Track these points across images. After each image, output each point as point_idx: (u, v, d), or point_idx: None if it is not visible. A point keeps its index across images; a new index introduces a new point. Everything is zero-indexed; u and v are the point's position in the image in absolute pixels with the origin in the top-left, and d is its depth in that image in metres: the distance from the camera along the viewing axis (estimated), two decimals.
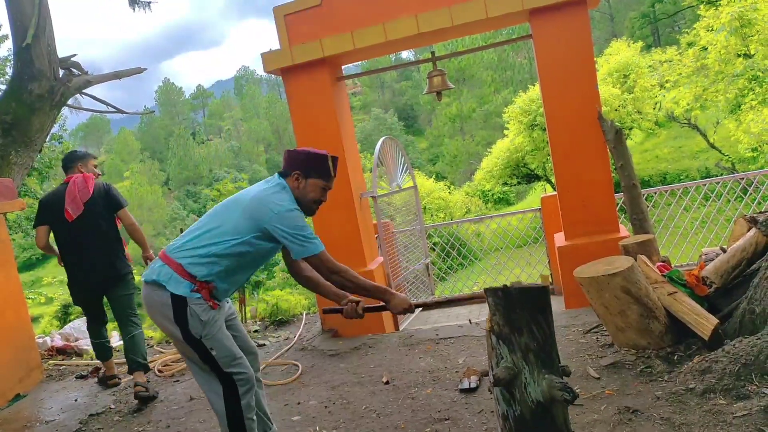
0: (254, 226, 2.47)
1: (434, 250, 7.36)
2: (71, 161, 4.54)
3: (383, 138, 5.66)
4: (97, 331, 4.67)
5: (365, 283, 2.61)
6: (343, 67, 5.53)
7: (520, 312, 2.08)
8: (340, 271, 2.54)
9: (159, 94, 71.19)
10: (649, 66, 18.80)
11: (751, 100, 12.40)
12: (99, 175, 4.59)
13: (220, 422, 2.58)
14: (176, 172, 53.09)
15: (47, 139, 12.66)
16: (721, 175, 13.40)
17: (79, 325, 6.42)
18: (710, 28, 13.68)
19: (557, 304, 5.22)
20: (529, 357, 2.10)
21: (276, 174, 2.69)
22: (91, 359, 5.71)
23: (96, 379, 4.94)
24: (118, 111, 7.70)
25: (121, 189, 45.67)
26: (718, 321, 3.20)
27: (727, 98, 13.25)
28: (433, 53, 5.25)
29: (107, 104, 7.58)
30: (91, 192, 4.37)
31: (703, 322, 3.20)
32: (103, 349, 4.68)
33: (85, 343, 5.99)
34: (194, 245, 2.49)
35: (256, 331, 5.70)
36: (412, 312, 2.77)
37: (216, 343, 2.50)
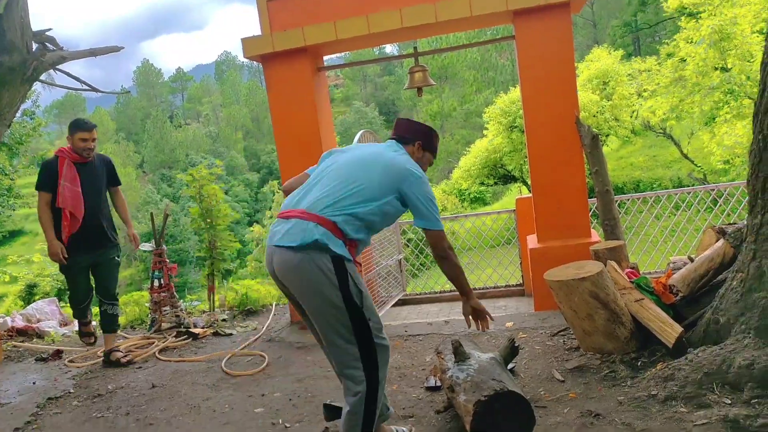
0: (394, 187, 2.43)
1: (408, 246, 7.35)
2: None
3: (362, 131, 5.62)
4: (85, 309, 4.67)
5: (461, 277, 2.61)
6: (324, 57, 5.48)
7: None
8: (451, 254, 2.54)
9: (137, 75, 69.99)
10: (629, 74, 19.02)
11: (726, 113, 12.63)
12: (90, 148, 4.41)
13: (352, 402, 2.38)
14: (152, 155, 52.31)
15: (18, 115, 12.37)
16: (693, 185, 13.65)
17: (42, 306, 6.28)
18: (690, 40, 13.89)
19: (527, 305, 5.28)
20: None
21: (390, 140, 2.68)
22: (53, 341, 5.59)
23: (57, 359, 4.88)
24: (93, 89, 7.51)
25: None
26: (682, 329, 3.24)
27: (702, 110, 13.48)
28: (415, 49, 5.22)
29: (82, 82, 7.37)
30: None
31: (668, 330, 3.24)
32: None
33: (47, 325, 5.86)
34: (347, 203, 2.37)
35: (224, 320, 5.64)
36: (481, 320, 2.73)
37: (372, 313, 2.40)
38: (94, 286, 4.63)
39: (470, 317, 2.71)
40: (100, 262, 4.52)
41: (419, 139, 2.67)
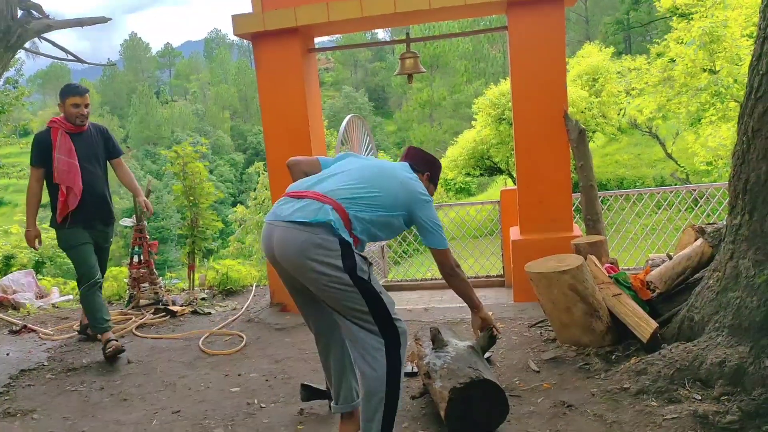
0: (406, 207, 2.51)
1: None
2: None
3: (350, 116, 5.59)
4: (98, 296, 4.17)
5: (470, 292, 2.78)
6: (316, 40, 5.43)
7: None
8: (458, 272, 2.68)
9: (124, 49, 68.90)
10: (618, 72, 19.10)
11: (712, 115, 12.75)
12: (84, 115, 4.13)
13: (372, 384, 2.35)
14: (137, 130, 51.67)
15: (0, 83, 12.13)
16: (676, 185, 13.79)
17: (18, 277, 6.20)
18: (680, 41, 13.97)
19: (506, 296, 5.32)
20: None
21: (404, 163, 2.74)
22: (28, 314, 5.53)
23: (25, 334, 4.80)
24: (78, 60, 7.39)
25: None
26: (657, 325, 3.28)
27: (688, 111, 13.58)
28: (407, 34, 5.19)
29: (67, 52, 7.25)
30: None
31: (644, 325, 3.28)
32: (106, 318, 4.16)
33: (23, 297, 5.79)
34: (364, 202, 2.42)
35: (203, 299, 5.61)
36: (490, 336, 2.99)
37: (380, 287, 2.41)
38: None
39: (479, 330, 2.92)
40: (99, 245, 4.23)
41: (428, 170, 2.77)
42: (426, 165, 2.78)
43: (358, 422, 2.66)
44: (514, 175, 18.46)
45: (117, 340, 4.07)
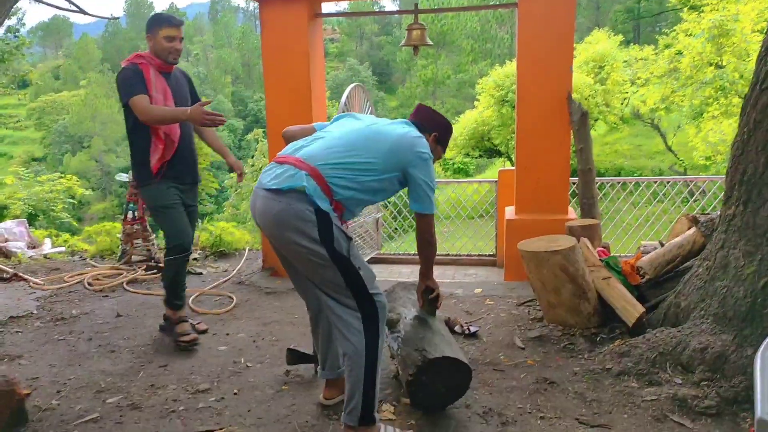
0: (398, 166, 2.37)
1: (387, 206, 7.35)
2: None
3: (353, 84, 5.54)
4: (185, 269, 3.65)
5: (432, 260, 2.65)
6: (323, 5, 5.36)
7: None
8: (432, 240, 2.54)
9: (128, 5, 67.80)
10: (625, 61, 18.97)
11: (715, 109, 12.70)
12: (179, 50, 3.49)
13: (351, 358, 2.30)
14: None
15: (1, 31, 11.96)
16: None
17: (10, 226, 6.19)
18: (689, 33, 13.85)
19: (497, 275, 5.35)
20: None
21: (409, 121, 2.59)
22: (19, 263, 5.53)
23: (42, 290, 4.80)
24: (80, 11, 7.26)
25: (75, 98, 44.00)
26: (644, 310, 3.32)
27: (692, 104, 13.53)
28: (416, 5, 5.13)
29: (70, 2, 7.15)
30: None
31: (630, 310, 3.32)
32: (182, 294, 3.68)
33: (15, 246, 5.79)
34: (344, 167, 2.30)
35: (195, 259, 5.62)
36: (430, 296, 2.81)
37: (361, 263, 2.32)
38: None
39: (422, 295, 2.78)
40: (188, 206, 3.62)
41: (436, 130, 2.61)
42: (433, 125, 2.61)
43: (341, 388, 2.68)
44: (513, 159, 18.44)
45: (195, 332, 3.63)
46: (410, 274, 5.66)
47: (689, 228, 3.69)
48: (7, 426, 2.54)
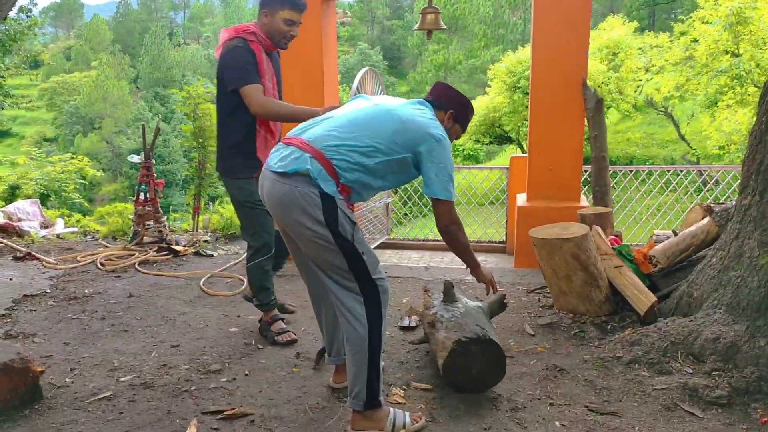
0: (409, 147, 2.29)
1: (397, 191, 7.34)
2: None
3: (365, 69, 5.51)
4: (270, 263, 3.38)
5: (467, 255, 2.55)
6: None
7: None
8: (452, 229, 2.40)
9: None
10: (639, 48, 18.74)
11: (730, 98, 12.54)
12: (294, 37, 3.18)
13: (353, 342, 2.30)
14: (147, 71, 51.09)
15: (14, 10, 11.95)
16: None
17: (24, 206, 6.24)
18: (705, 21, 13.65)
19: (507, 262, 5.34)
20: None
21: (422, 100, 2.51)
22: (32, 242, 5.58)
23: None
24: None
25: (87, 79, 44.10)
26: (656, 299, 3.31)
27: (707, 92, 13.37)
28: None
29: None
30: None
31: (642, 298, 3.30)
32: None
33: (28, 225, 5.84)
34: (349, 148, 2.24)
35: (206, 241, 5.65)
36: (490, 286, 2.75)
37: (365, 247, 2.29)
38: None
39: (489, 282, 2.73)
40: None
41: (453, 108, 2.50)
42: (450, 102, 2.50)
43: None
44: (524, 146, 18.34)
45: (292, 331, 3.40)
46: (419, 259, 5.67)
47: (703, 217, 3.67)
48: (22, 402, 2.58)
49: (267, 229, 3.23)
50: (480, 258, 5.53)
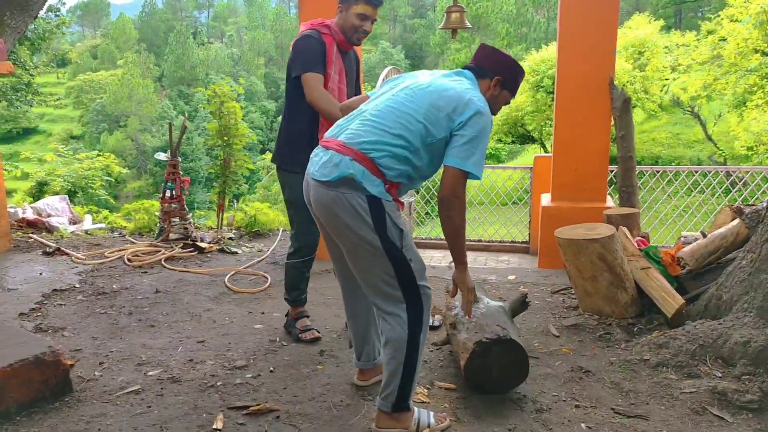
0: (444, 125, 2.16)
1: (419, 190, 7.34)
2: None
3: (389, 67, 5.49)
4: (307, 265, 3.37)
5: (460, 234, 2.24)
6: None
7: None
8: (460, 202, 2.17)
9: None
10: (666, 47, 18.48)
11: (759, 98, 12.30)
12: (367, 33, 3.13)
13: (393, 347, 2.25)
14: (172, 70, 51.71)
15: (44, 10, 12.18)
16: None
17: (53, 202, 6.36)
18: (734, 19, 13.40)
19: (530, 262, 5.30)
20: None
21: (463, 69, 2.35)
22: (62, 237, 5.68)
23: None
24: None
25: (113, 78, 44.77)
26: (684, 302, 3.26)
27: (735, 92, 13.13)
28: None
29: None
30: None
31: (670, 301, 3.26)
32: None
33: (57, 221, 5.95)
34: (388, 140, 2.15)
35: (230, 238, 5.70)
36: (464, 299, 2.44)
37: (413, 254, 2.23)
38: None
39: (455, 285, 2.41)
40: None
41: (500, 73, 2.32)
42: (497, 66, 2.32)
43: (376, 372, 2.73)
44: (547, 145, 18.19)
45: (316, 329, 3.37)
46: (442, 258, 5.65)
47: (732, 219, 3.61)
48: (52, 395, 2.63)
49: (310, 232, 3.12)
50: (503, 257, 5.55)
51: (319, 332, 3.37)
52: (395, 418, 2.34)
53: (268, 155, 19.38)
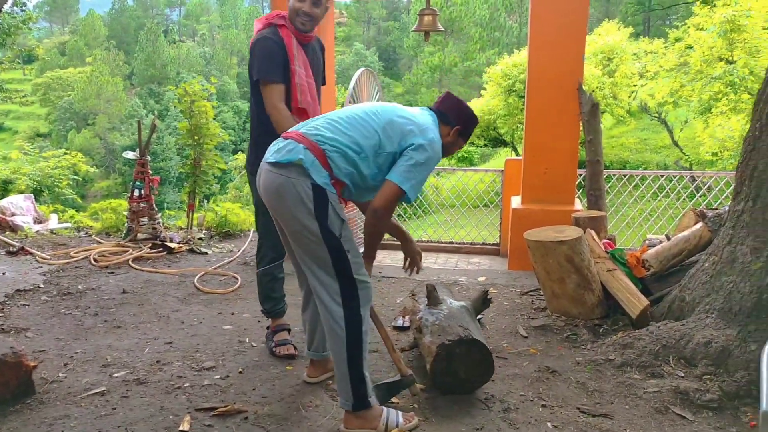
0: (397, 141, 2.29)
1: None
2: None
3: (362, 69, 5.52)
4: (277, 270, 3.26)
5: (378, 239, 2.51)
6: None
7: None
8: (388, 218, 2.35)
9: None
10: (634, 54, 18.82)
11: (723, 105, 12.62)
12: (310, 17, 2.91)
13: (335, 343, 2.31)
14: (142, 68, 50.91)
15: (9, 4, 11.88)
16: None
17: (17, 200, 6.21)
18: (700, 27, 13.74)
19: (500, 264, 5.35)
20: None
21: (429, 108, 2.51)
22: (26, 237, 5.55)
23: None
24: None
25: (81, 75, 43.89)
26: (648, 303, 3.33)
27: (700, 99, 13.43)
28: None
29: None
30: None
31: (635, 302, 3.33)
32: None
33: (21, 220, 5.81)
34: (343, 143, 2.26)
35: (200, 239, 5.64)
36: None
37: (351, 246, 2.31)
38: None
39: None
40: None
41: (461, 124, 2.50)
42: (459, 117, 2.49)
43: (325, 367, 2.82)
44: (519, 148, 18.39)
45: (293, 344, 3.21)
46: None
47: (696, 222, 3.69)
48: (14, 397, 2.57)
49: (276, 236, 2.89)
50: (473, 259, 5.60)
51: (296, 348, 3.17)
52: (362, 417, 2.35)
53: (241, 155, 19.26)
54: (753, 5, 12.26)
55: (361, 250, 2.46)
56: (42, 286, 4.20)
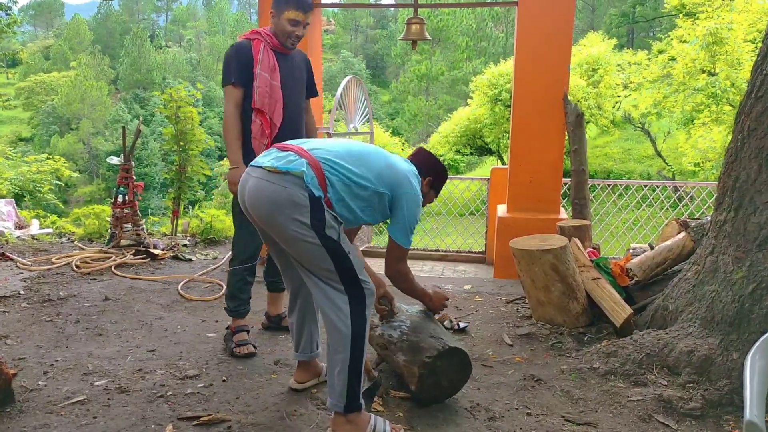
0: (390, 186, 2.37)
1: None
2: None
3: (349, 77, 5.53)
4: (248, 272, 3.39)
5: (414, 288, 2.70)
6: None
7: None
8: (405, 274, 2.57)
9: None
10: (618, 65, 19.06)
11: (705, 116, 12.81)
12: (299, 37, 3.18)
13: (336, 342, 2.30)
14: (127, 72, 50.61)
15: None
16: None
17: None
18: (683, 40, 13.95)
19: (486, 272, 5.38)
20: None
21: (408, 160, 2.61)
22: (6, 242, 5.47)
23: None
24: None
25: (65, 79, 43.52)
26: (632, 312, 3.35)
27: (683, 110, 13.63)
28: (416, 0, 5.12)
29: None
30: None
31: (619, 311, 3.35)
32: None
33: (2, 225, 5.73)
34: (344, 169, 2.29)
35: (184, 245, 5.60)
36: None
37: (351, 248, 2.33)
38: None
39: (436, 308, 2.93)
40: None
41: (432, 175, 2.62)
42: (430, 169, 2.62)
43: (314, 371, 2.81)
44: (504, 157, 18.51)
45: (253, 344, 3.28)
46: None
47: (679, 232, 3.73)
48: None
49: (252, 239, 3.17)
50: (459, 267, 5.61)
51: (255, 347, 3.22)
52: (352, 422, 2.33)
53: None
54: (735, 18, 12.48)
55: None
56: (22, 292, 4.14)
